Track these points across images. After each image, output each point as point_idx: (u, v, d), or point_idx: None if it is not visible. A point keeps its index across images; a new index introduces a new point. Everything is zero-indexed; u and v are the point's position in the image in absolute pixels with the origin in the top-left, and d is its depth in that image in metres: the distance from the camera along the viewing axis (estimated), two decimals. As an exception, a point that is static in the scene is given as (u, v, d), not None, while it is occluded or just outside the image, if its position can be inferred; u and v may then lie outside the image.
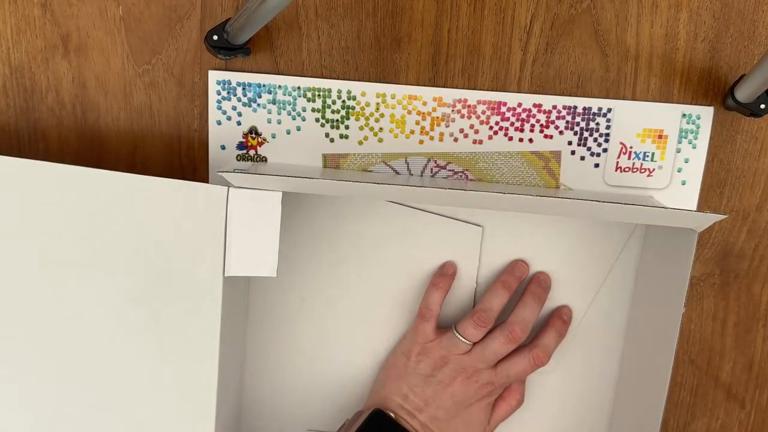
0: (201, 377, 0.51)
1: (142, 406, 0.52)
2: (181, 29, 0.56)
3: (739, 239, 0.60)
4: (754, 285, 0.61)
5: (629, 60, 0.57)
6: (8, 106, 0.57)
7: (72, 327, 0.51)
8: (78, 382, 0.51)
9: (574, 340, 0.61)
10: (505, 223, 0.59)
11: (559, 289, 0.60)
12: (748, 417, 0.64)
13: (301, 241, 0.59)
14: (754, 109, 0.55)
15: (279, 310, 0.61)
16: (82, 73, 0.57)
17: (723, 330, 0.62)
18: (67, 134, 0.58)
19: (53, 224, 0.49)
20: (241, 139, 0.58)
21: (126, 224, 0.49)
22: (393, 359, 0.59)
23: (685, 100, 0.58)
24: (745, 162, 0.59)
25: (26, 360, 0.51)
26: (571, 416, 0.63)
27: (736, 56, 0.57)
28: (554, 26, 0.57)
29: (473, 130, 0.58)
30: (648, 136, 0.58)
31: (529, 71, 0.57)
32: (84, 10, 0.55)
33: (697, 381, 0.63)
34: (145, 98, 0.57)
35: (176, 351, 0.51)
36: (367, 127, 0.58)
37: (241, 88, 0.57)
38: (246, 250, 0.50)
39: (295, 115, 0.58)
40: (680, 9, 0.56)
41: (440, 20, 0.56)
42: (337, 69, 0.57)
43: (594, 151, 0.58)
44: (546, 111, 0.58)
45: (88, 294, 0.50)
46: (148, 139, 0.58)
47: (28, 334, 0.51)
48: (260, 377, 0.62)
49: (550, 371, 0.61)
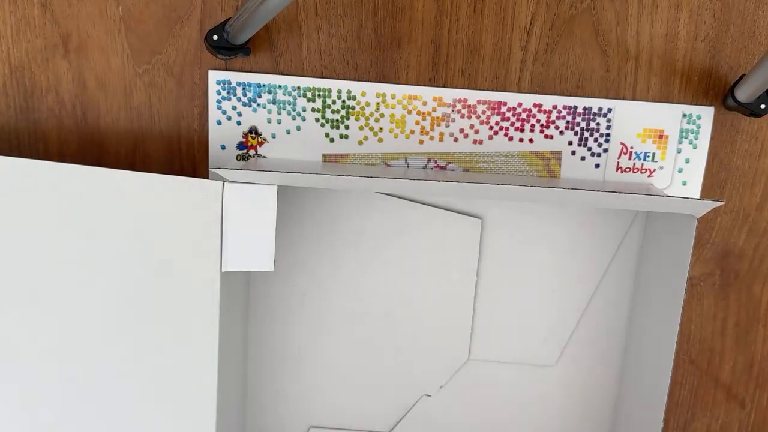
0: (201, 373, 0.51)
1: (142, 403, 0.52)
2: (181, 29, 0.56)
3: (739, 239, 0.60)
4: (754, 285, 0.61)
5: (629, 60, 0.57)
6: (8, 106, 0.57)
7: (71, 324, 0.51)
8: (77, 380, 0.51)
9: (577, 329, 0.61)
10: (505, 214, 0.59)
11: (561, 280, 0.60)
12: (748, 417, 0.64)
13: (301, 236, 0.59)
14: (754, 109, 0.55)
15: (279, 307, 0.61)
16: (82, 73, 0.57)
17: (723, 330, 0.62)
18: (67, 134, 0.58)
19: (50, 223, 0.49)
20: (241, 139, 0.58)
21: (123, 221, 0.49)
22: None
23: (686, 100, 0.58)
24: (745, 162, 0.59)
25: (25, 357, 0.51)
26: (574, 408, 0.63)
27: (736, 56, 0.57)
28: (554, 26, 0.57)
29: (473, 130, 0.58)
30: (648, 136, 0.58)
31: (529, 71, 0.57)
32: (84, 10, 0.55)
33: (697, 381, 0.63)
34: (145, 98, 0.57)
35: (175, 346, 0.51)
36: (367, 127, 0.58)
37: (241, 88, 0.57)
38: (242, 245, 0.50)
39: (295, 115, 0.58)
40: (680, 9, 0.56)
41: (440, 20, 0.56)
42: (337, 69, 0.57)
43: (594, 152, 0.58)
44: (546, 111, 0.58)
45: (87, 292, 0.50)
46: (148, 139, 0.58)
47: (27, 332, 0.51)
48: (262, 374, 0.62)
49: (554, 363, 0.61)
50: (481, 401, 0.63)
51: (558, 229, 0.59)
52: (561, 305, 0.61)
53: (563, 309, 0.61)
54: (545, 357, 0.62)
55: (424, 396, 0.62)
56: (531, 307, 0.61)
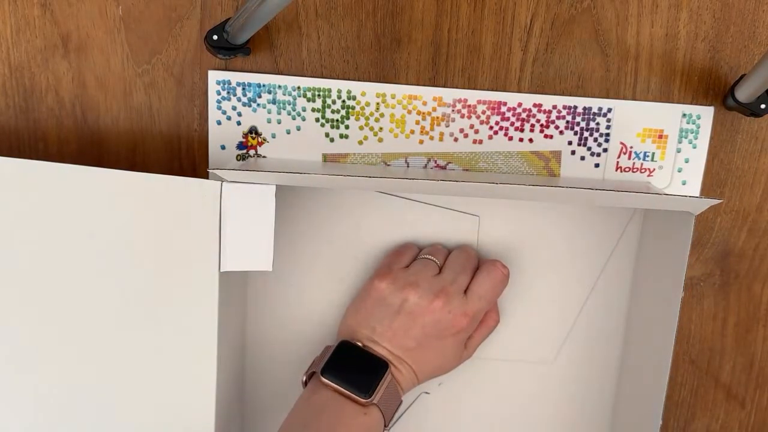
0: (199, 373, 0.51)
1: (140, 402, 0.52)
2: (181, 29, 0.56)
3: (739, 239, 0.60)
4: (754, 285, 0.61)
5: (629, 60, 0.57)
6: (8, 106, 0.57)
7: (70, 324, 0.51)
8: (76, 379, 0.51)
9: (575, 327, 0.61)
10: (502, 212, 0.59)
11: (559, 277, 0.60)
12: (748, 417, 0.64)
13: (300, 236, 0.59)
14: (754, 109, 0.55)
15: (278, 306, 0.61)
16: (81, 73, 0.57)
17: (723, 330, 0.62)
18: (67, 134, 0.58)
19: (49, 223, 0.49)
20: (241, 139, 0.58)
21: (121, 221, 0.49)
22: (362, 295, 0.57)
23: (686, 100, 0.58)
24: (745, 162, 0.59)
25: (25, 357, 0.51)
26: (573, 406, 0.63)
27: (736, 56, 0.57)
28: (554, 26, 0.57)
29: (473, 130, 0.58)
30: (648, 136, 0.58)
31: (529, 71, 0.57)
32: (84, 10, 0.55)
33: (697, 381, 0.63)
34: (145, 98, 0.57)
35: (174, 347, 0.51)
36: (367, 126, 0.58)
37: (241, 88, 0.57)
38: (241, 245, 0.50)
39: (295, 115, 0.58)
40: (680, 9, 0.56)
41: (440, 20, 0.56)
42: (337, 69, 0.57)
43: (594, 151, 0.58)
44: (546, 111, 0.58)
45: (86, 292, 0.50)
46: (148, 139, 0.58)
47: (27, 333, 0.51)
48: (260, 373, 0.62)
49: (552, 361, 0.61)
50: (480, 399, 0.63)
51: (556, 227, 0.59)
52: (559, 303, 0.61)
53: (561, 306, 0.61)
54: (543, 354, 0.62)
55: (423, 393, 0.62)
56: (529, 305, 0.61)
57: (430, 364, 0.55)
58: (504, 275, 0.56)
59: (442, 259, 0.57)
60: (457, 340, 0.55)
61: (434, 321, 0.54)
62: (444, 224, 0.59)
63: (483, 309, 0.56)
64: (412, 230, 0.59)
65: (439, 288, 0.54)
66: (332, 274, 0.60)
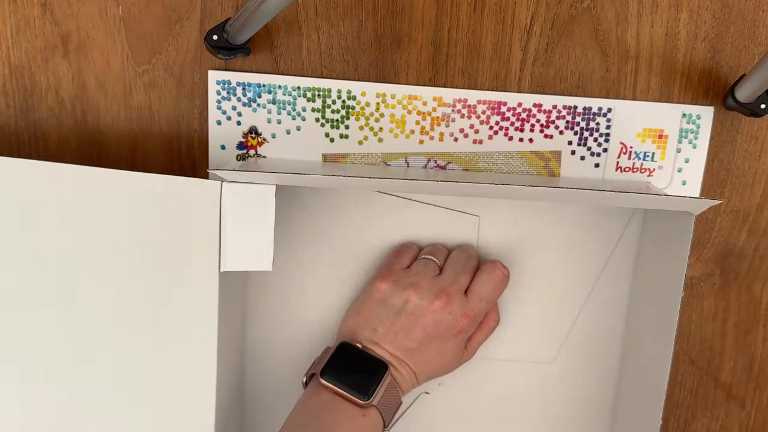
0: (199, 372, 0.51)
1: (140, 402, 0.52)
2: (181, 29, 0.56)
3: (739, 239, 0.60)
4: (754, 285, 0.61)
5: (629, 60, 0.57)
6: (8, 106, 0.57)
7: (70, 324, 0.51)
8: (76, 379, 0.51)
9: (575, 326, 0.61)
10: (502, 212, 0.59)
11: (559, 277, 0.60)
12: (748, 417, 0.64)
13: (300, 236, 0.59)
14: (754, 109, 0.55)
15: (278, 307, 0.61)
16: (81, 73, 0.57)
17: (723, 330, 0.62)
18: (67, 134, 0.58)
19: (49, 223, 0.49)
20: (241, 139, 0.58)
21: (121, 221, 0.49)
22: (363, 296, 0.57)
23: (686, 100, 0.58)
24: (745, 162, 0.59)
25: (24, 358, 0.51)
26: (573, 406, 0.63)
27: (736, 56, 0.57)
28: (554, 26, 0.57)
29: (473, 130, 0.58)
30: (648, 136, 0.58)
31: (529, 71, 0.57)
32: (84, 10, 0.55)
33: (697, 381, 0.63)
34: (145, 98, 0.57)
35: (174, 347, 0.51)
36: (367, 126, 0.58)
37: (241, 88, 0.57)
38: (241, 245, 0.50)
39: (295, 115, 0.58)
40: (680, 9, 0.56)
41: (440, 20, 0.56)
42: (337, 69, 0.57)
43: (594, 151, 0.58)
44: (546, 111, 0.58)
45: (86, 292, 0.50)
46: (148, 139, 0.58)
47: (27, 333, 0.51)
48: (260, 373, 0.62)
49: (552, 361, 0.61)
50: (480, 398, 0.63)
51: (555, 227, 0.59)
52: (559, 303, 0.61)
53: (561, 306, 0.61)
54: (543, 354, 0.62)
55: (423, 393, 0.62)
56: (529, 305, 0.61)
57: (431, 365, 0.55)
58: (504, 275, 0.56)
59: (443, 258, 0.57)
60: (457, 340, 0.55)
61: (435, 322, 0.54)
62: (444, 224, 0.59)
63: (483, 310, 0.56)
64: (412, 230, 0.59)
65: (440, 288, 0.54)
66: (332, 274, 0.60)
